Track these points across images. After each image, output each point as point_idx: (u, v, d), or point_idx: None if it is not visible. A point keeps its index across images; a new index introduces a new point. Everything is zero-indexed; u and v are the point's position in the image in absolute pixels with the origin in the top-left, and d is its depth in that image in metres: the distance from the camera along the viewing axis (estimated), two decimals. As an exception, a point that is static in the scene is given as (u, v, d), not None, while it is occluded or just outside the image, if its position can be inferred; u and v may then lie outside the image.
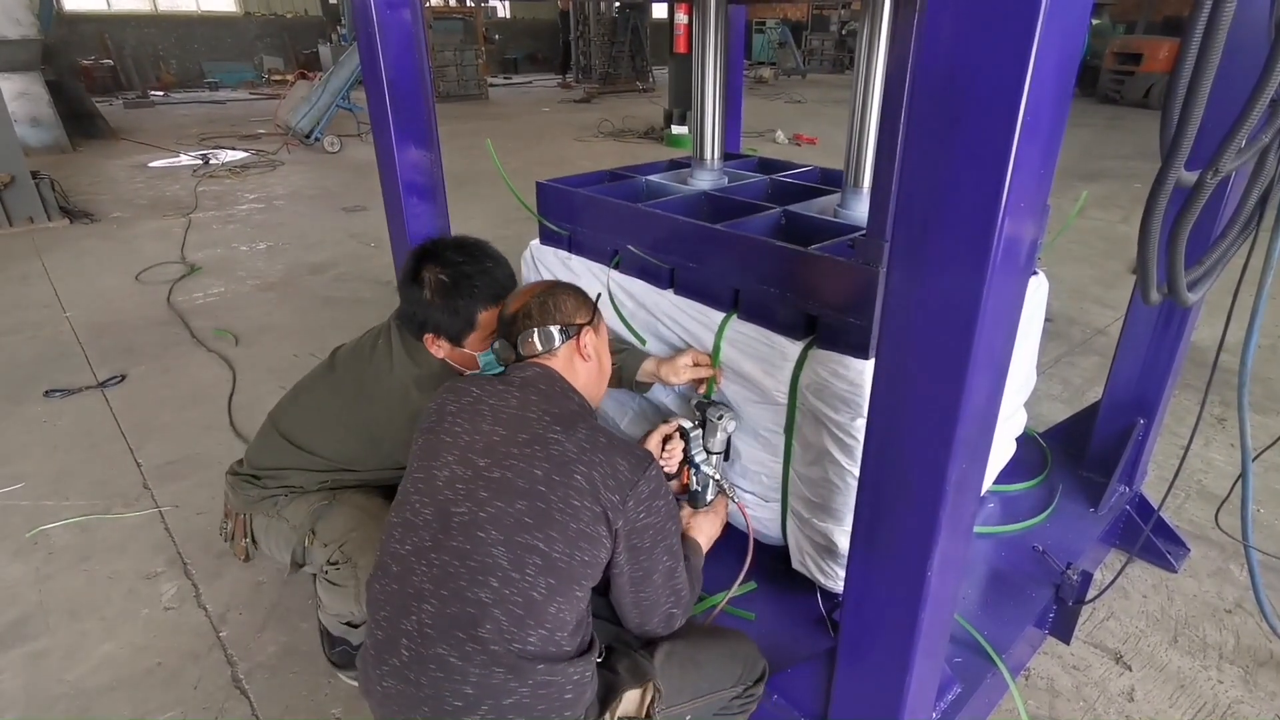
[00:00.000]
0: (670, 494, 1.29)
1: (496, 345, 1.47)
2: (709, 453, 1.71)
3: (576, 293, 1.48)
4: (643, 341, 1.92)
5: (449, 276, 1.61)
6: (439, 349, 1.66)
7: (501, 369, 1.76)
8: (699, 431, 1.70)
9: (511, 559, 1.14)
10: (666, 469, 1.68)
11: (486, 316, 1.63)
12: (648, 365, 1.81)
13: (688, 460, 1.70)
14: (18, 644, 2.06)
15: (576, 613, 1.19)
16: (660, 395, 1.95)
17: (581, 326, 1.42)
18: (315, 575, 1.78)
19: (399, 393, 1.67)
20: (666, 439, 1.67)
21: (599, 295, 1.55)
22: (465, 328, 1.63)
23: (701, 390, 1.81)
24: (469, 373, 1.71)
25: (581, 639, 1.22)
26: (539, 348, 1.38)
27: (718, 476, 1.72)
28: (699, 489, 1.71)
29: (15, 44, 8.00)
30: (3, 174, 5.78)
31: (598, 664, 1.28)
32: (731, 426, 1.71)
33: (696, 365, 1.75)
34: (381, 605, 1.22)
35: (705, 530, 1.64)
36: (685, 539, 1.57)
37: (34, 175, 6.01)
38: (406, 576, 1.19)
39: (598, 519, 1.17)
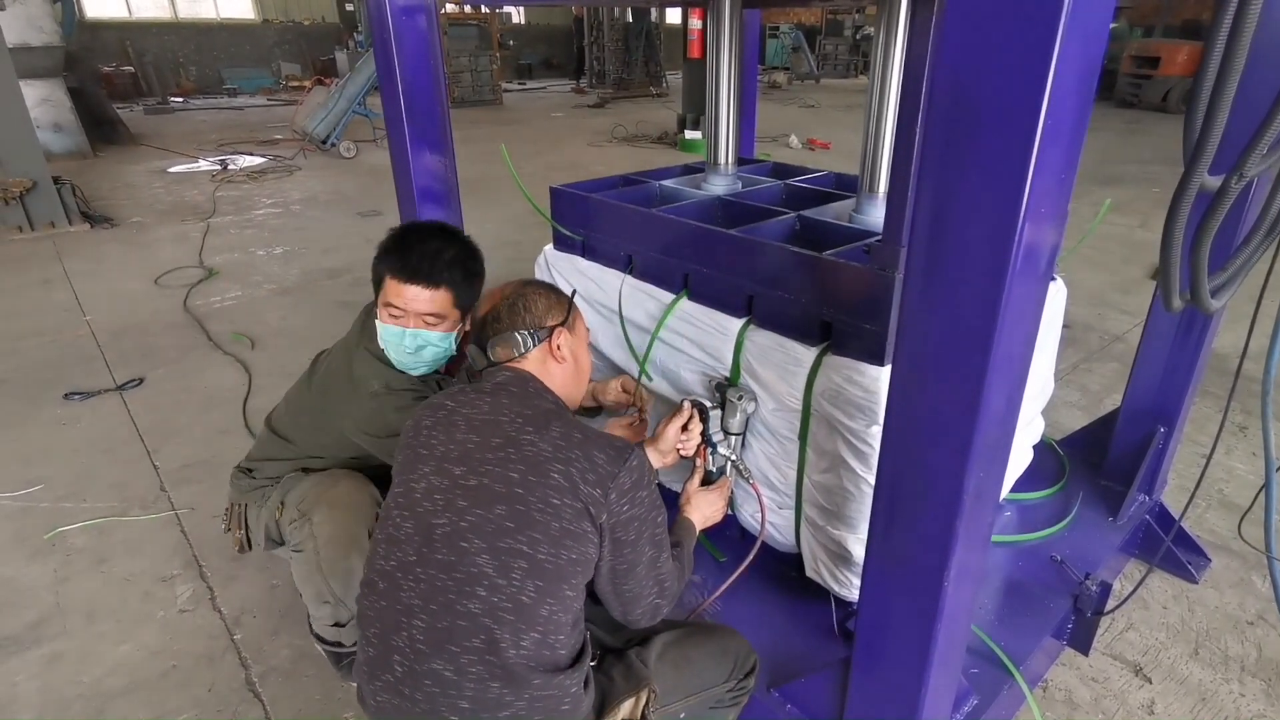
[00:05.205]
0: (654, 483, 1.28)
1: (471, 350, 1.43)
2: (727, 433, 1.71)
3: (548, 292, 1.44)
4: (642, 364, 1.93)
5: (397, 234, 1.66)
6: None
7: (406, 364, 1.75)
8: (718, 411, 1.70)
9: (497, 566, 1.13)
10: (684, 451, 1.68)
11: (391, 284, 1.62)
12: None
13: (705, 440, 1.70)
14: (35, 645, 2.08)
15: (571, 613, 1.18)
16: (680, 378, 1.93)
17: (553, 329, 1.38)
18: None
19: (344, 351, 1.77)
20: (685, 425, 1.68)
21: (574, 293, 1.51)
22: (376, 283, 1.67)
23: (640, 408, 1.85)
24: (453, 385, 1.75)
25: (575, 643, 1.21)
26: (508, 353, 1.36)
27: (734, 457, 1.73)
28: (714, 470, 1.71)
29: (38, 51, 8.12)
30: (25, 179, 5.86)
31: (593, 668, 1.28)
32: (751, 408, 1.70)
33: (625, 392, 1.85)
34: (371, 622, 1.21)
35: (702, 510, 1.64)
36: (679, 520, 1.58)
37: (56, 180, 6.10)
38: (394, 593, 1.18)
39: (580, 515, 1.15)
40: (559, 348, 1.38)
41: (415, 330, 1.64)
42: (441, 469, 1.21)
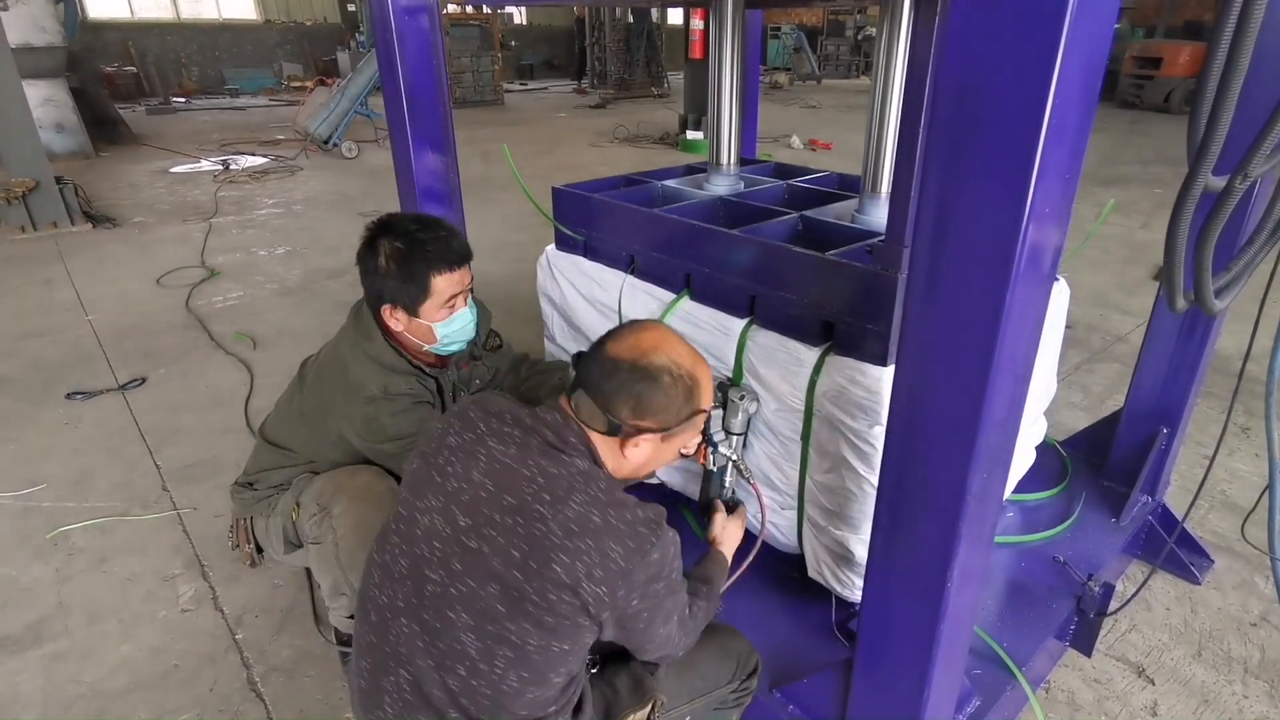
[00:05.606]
0: (676, 564, 1.14)
1: (572, 363, 1.24)
2: (728, 433, 1.71)
3: (683, 392, 1.18)
4: None
5: (403, 244, 1.63)
6: (397, 321, 1.69)
7: (463, 344, 1.76)
8: (720, 411, 1.69)
9: (480, 649, 1.06)
10: (685, 451, 1.66)
11: (441, 282, 1.65)
12: None
13: (706, 440, 1.68)
14: (36, 645, 2.08)
15: (555, 689, 1.12)
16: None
17: (643, 431, 1.17)
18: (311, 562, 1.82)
19: (335, 355, 1.75)
20: None
21: (708, 413, 1.28)
22: (420, 294, 1.65)
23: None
24: (428, 347, 1.73)
25: (564, 697, 1.15)
26: (584, 414, 1.17)
27: (735, 457, 1.72)
28: (715, 469, 1.71)
29: (41, 51, 8.14)
30: (28, 179, 5.87)
31: (596, 676, 1.27)
32: (753, 408, 1.70)
33: None
34: (363, 654, 1.19)
35: (734, 536, 1.61)
36: (710, 554, 1.52)
37: (58, 180, 6.10)
38: (384, 633, 1.15)
39: (578, 611, 1.04)
40: (636, 446, 1.18)
41: (471, 304, 1.75)
42: (448, 510, 1.11)
